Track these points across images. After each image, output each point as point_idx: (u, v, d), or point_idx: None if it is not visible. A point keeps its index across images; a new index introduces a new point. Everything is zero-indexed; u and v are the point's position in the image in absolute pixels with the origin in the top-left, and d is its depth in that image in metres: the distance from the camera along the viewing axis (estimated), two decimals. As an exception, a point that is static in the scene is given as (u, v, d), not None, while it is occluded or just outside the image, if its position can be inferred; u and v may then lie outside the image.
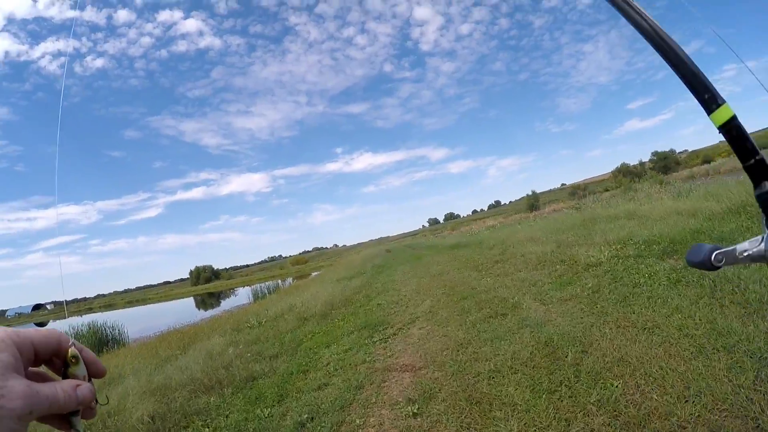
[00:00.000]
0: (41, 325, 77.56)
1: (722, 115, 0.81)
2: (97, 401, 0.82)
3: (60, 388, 0.73)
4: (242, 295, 46.00)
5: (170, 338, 17.09)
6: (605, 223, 15.33)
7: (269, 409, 6.55)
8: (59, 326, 26.20)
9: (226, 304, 47.56)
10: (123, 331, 25.09)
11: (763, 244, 0.81)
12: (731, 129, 0.81)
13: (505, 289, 10.31)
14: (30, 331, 0.75)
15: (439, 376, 6.12)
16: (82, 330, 23.88)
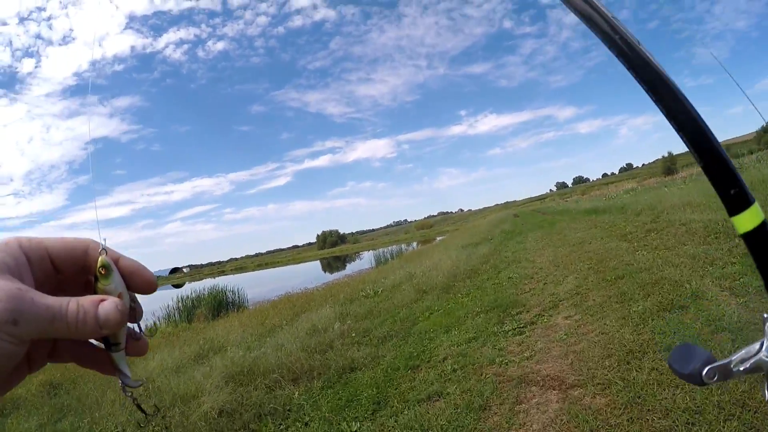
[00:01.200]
0: (178, 286, 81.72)
1: (749, 219, 0.61)
2: (140, 329, 0.64)
3: (74, 302, 0.55)
4: (366, 260, 45.66)
5: (284, 305, 16.18)
6: None
7: (358, 424, 5.09)
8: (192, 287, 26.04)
9: (350, 268, 47.48)
10: (242, 294, 24.79)
11: (761, 355, 0.65)
12: (758, 238, 0.61)
13: (674, 268, 8.06)
14: (48, 238, 0.59)
15: (603, 404, 4.15)
16: (203, 293, 23.71)
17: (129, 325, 0.62)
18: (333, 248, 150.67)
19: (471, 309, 8.94)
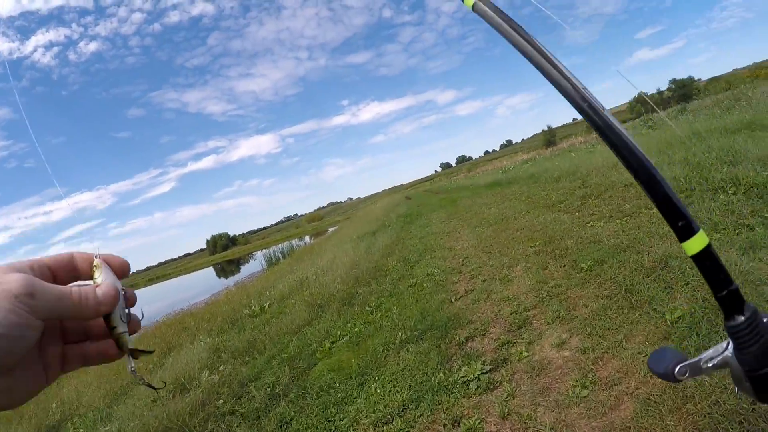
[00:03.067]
0: None
1: (697, 243, 0.70)
2: (129, 312, 0.74)
3: (76, 288, 0.66)
4: (259, 261, 42.64)
5: (153, 339, 13.23)
6: (718, 138, 10.50)
7: None
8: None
9: (242, 273, 44.06)
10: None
11: (727, 353, 0.73)
12: (705, 259, 0.70)
13: (663, 241, 5.91)
14: (44, 257, 0.71)
15: None
16: None
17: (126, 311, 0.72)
18: (225, 252, 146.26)
19: (390, 334, 6.21)
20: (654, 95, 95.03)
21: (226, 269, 66.58)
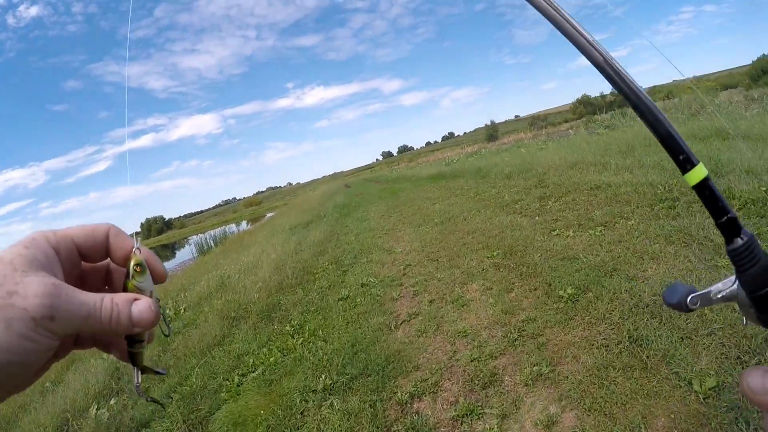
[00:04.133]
0: None
1: (696, 175, 0.74)
2: (169, 328, 0.68)
3: (109, 299, 0.57)
4: (192, 247, 40.62)
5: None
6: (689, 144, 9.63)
7: None
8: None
9: (172, 262, 42.00)
10: None
11: (735, 286, 0.73)
12: (705, 189, 0.74)
13: (658, 265, 4.79)
14: (70, 228, 0.62)
15: None
16: None
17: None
18: (159, 236, 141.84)
19: (311, 374, 4.79)
20: (597, 98, 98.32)
21: (160, 254, 61.94)
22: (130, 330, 0.57)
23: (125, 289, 0.60)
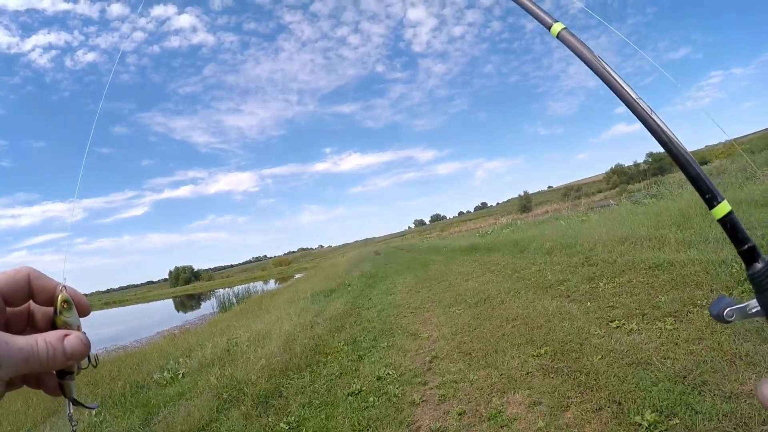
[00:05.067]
0: None
1: (721, 210, 0.91)
2: (96, 360, 0.72)
3: (42, 339, 0.61)
4: (219, 299, 40.05)
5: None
6: (748, 211, 8.37)
7: None
8: None
9: (193, 314, 41.45)
10: None
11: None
12: (728, 222, 0.90)
13: None
14: None
15: None
16: None
17: None
18: (186, 286, 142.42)
19: None
20: (631, 167, 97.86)
21: (185, 304, 63.54)
22: (65, 364, 0.62)
23: (54, 326, 0.65)
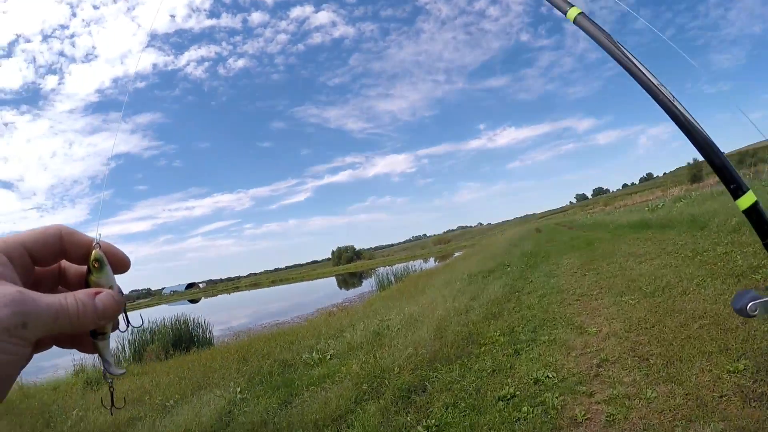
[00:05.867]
0: (194, 302, 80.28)
1: (747, 200, 1.00)
2: (127, 320, 0.71)
3: (72, 297, 0.60)
4: (379, 277, 40.69)
5: (215, 354, 12.08)
6: None
7: None
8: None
9: (353, 291, 42.13)
10: (208, 327, 19.82)
11: None
12: (753, 213, 1.00)
13: None
14: (20, 233, 0.64)
15: None
16: (166, 322, 18.97)
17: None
18: (348, 264, 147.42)
19: None
20: None
21: (347, 281, 64.65)
22: (96, 323, 0.61)
23: (87, 285, 0.64)
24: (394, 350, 7.71)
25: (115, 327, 0.68)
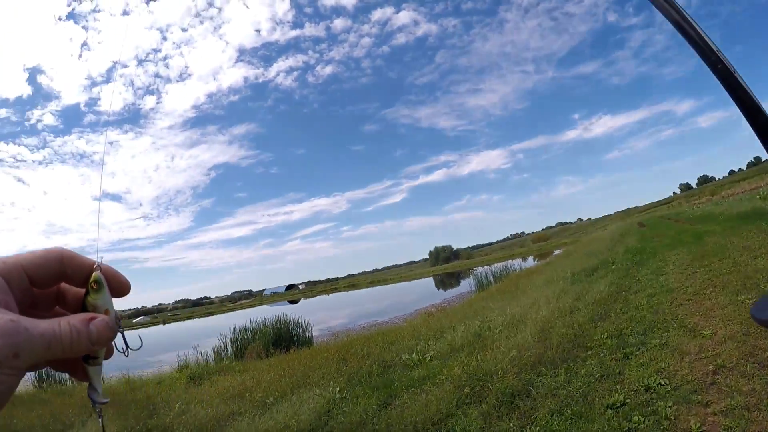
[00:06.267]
0: (294, 302, 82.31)
1: None
2: (126, 345, 0.70)
3: (66, 323, 0.60)
4: (477, 277, 40.48)
5: (313, 354, 12.39)
6: None
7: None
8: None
9: (451, 291, 42.25)
10: (308, 327, 20.32)
11: None
12: None
13: None
14: (22, 254, 0.64)
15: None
16: (267, 322, 19.86)
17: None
18: (446, 264, 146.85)
19: None
20: None
21: (445, 282, 64.88)
22: (89, 349, 0.61)
23: (84, 307, 0.64)
24: (496, 352, 7.69)
25: (110, 353, 0.68)
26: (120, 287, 0.68)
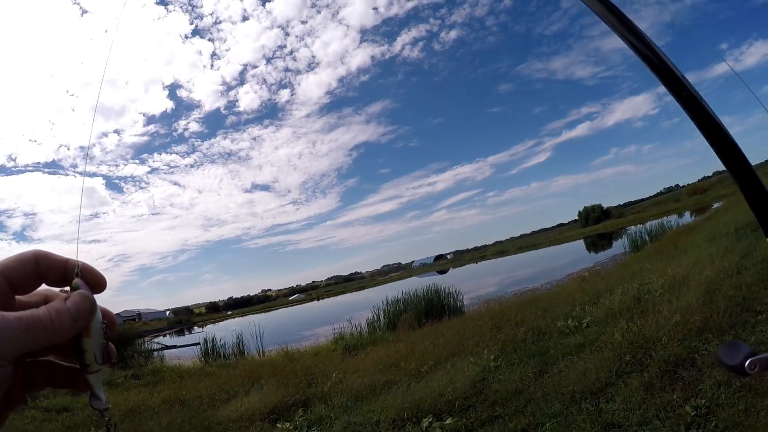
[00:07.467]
0: (442, 273, 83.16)
1: None
2: (110, 354, 0.67)
3: (44, 307, 0.59)
4: (630, 237, 38.92)
5: (469, 323, 12.52)
6: None
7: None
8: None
9: (605, 253, 40.49)
10: (458, 296, 20.25)
11: None
12: None
13: None
14: None
15: None
16: (419, 292, 20.01)
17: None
18: (596, 225, 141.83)
19: None
20: None
21: (596, 243, 62.03)
22: (74, 325, 0.59)
23: None
24: (658, 317, 7.33)
25: (106, 359, 0.66)
26: (98, 284, 0.67)
